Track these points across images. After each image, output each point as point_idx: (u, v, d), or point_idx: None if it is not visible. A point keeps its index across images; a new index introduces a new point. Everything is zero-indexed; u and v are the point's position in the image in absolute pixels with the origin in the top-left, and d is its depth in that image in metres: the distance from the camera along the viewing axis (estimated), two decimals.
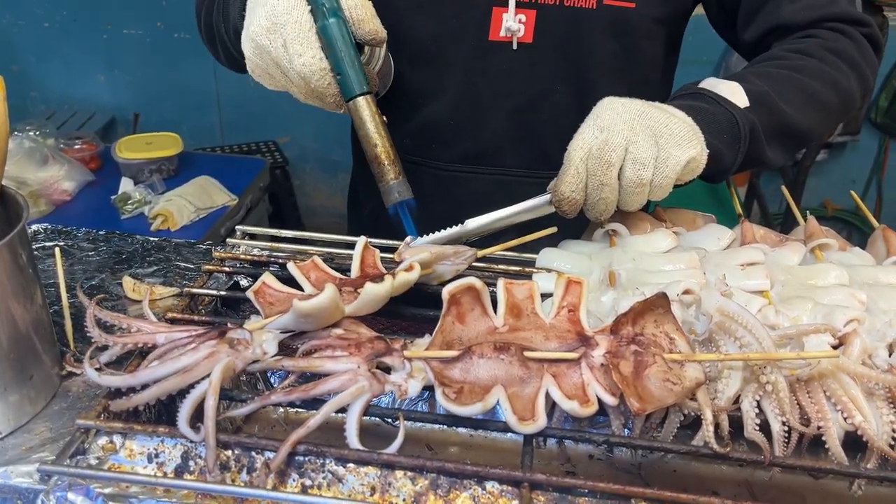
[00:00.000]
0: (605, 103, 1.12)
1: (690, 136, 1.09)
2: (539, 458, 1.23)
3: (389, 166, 1.08)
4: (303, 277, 1.08)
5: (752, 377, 0.94)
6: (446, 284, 0.98)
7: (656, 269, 1.12)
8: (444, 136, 1.46)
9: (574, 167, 1.08)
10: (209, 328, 0.96)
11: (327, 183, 4.47)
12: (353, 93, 1.07)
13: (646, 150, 1.07)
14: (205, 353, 0.91)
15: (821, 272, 1.13)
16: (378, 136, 1.08)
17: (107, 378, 0.91)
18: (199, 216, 3.00)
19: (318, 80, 1.07)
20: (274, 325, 0.96)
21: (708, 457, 0.87)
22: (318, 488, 0.85)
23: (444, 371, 0.91)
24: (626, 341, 0.92)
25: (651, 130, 1.08)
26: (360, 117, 1.08)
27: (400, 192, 1.08)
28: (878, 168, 4.22)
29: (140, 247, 1.27)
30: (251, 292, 1.06)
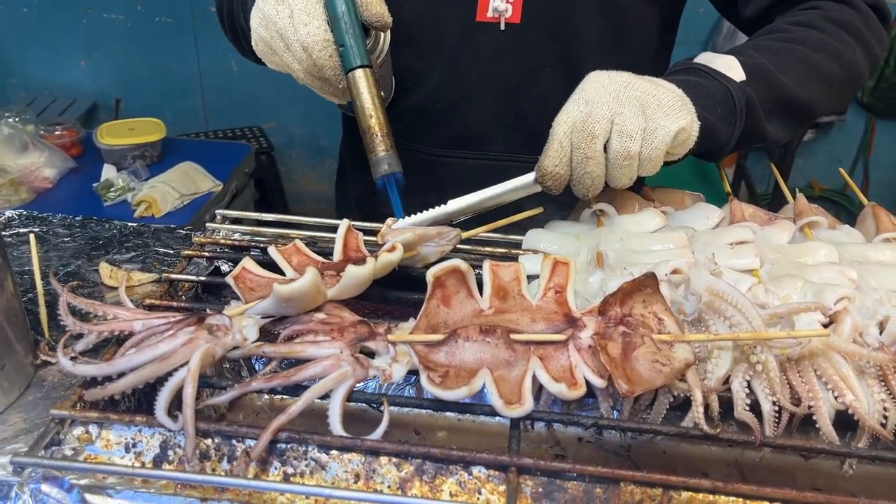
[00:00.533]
0: (590, 77, 1.09)
1: (680, 107, 1.06)
2: (527, 442, 1.22)
3: (382, 138, 1.08)
4: (284, 262, 1.06)
5: (743, 357, 0.92)
6: (431, 267, 0.95)
7: (644, 248, 1.11)
8: (430, 120, 1.44)
9: (557, 141, 1.05)
10: (187, 314, 0.93)
11: (314, 169, 4.43)
12: (352, 64, 1.06)
13: (633, 122, 1.03)
14: (183, 340, 0.88)
15: (810, 250, 1.12)
16: (374, 108, 1.07)
17: (82, 367, 0.88)
18: (184, 202, 2.96)
19: (321, 51, 1.06)
20: (254, 311, 0.94)
21: (698, 438, 0.86)
22: (301, 476, 0.83)
23: (430, 355, 0.89)
24: (614, 322, 0.90)
25: (638, 101, 1.04)
26: (357, 89, 1.07)
27: (389, 165, 1.08)
28: (865, 148, 4.22)
29: (118, 232, 1.24)
30: (231, 278, 1.03)
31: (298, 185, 4.49)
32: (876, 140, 4.15)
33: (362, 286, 0.96)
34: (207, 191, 3.05)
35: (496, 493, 0.81)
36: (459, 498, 0.81)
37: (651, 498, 0.81)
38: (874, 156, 4.21)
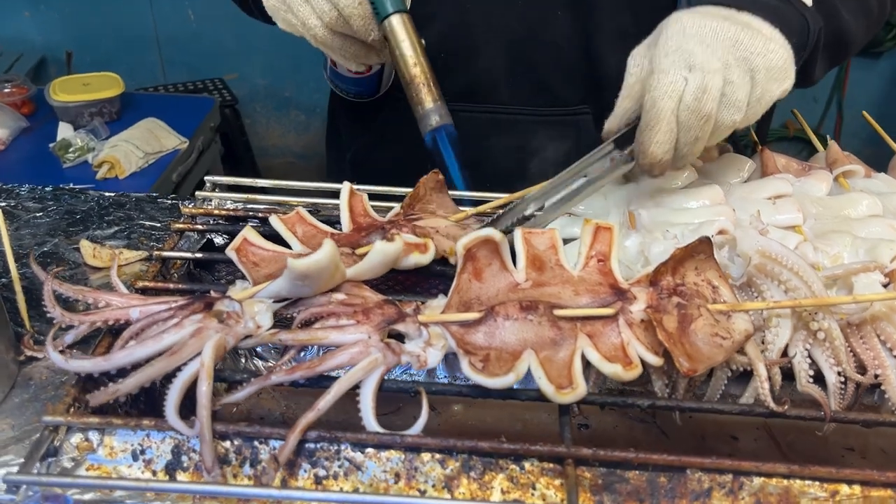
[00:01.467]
0: (685, 26, 0.90)
1: (788, 66, 0.91)
2: (546, 412, 1.15)
3: (430, 88, 1.00)
4: (289, 233, 0.95)
5: (801, 324, 0.85)
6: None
7: (680, 206, 1.02)
8: (434, 69, 1.32)
9: (665, 122, 0.88)
10: (190, 299, 0.83)
11: (279, 121, 4.25)
12: (387, 11, 0.97)
13: (742, 91, 0.89)
14: (191, 330, 0.78)
15: (852, 202, 1.05)
16: (416, 55, 0.99)
17: (76, 363, 0.78)
18: (149, 162, 2.80)
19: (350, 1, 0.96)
20: (265, 293, 0.84)
21: (763, 416, 0.79)
22: (335, 478, 0.74)
23: (466, 336, 0.81)
24: (667, 293, 0.82)
25: (748, 65, 0.89)
26: (395, 38, 0.98)
27: (441, 116, 0.99)
28: (839, 86, 4.18)
29: (95, 204, 1.12)
30: (232, 250, 0.92)
31: (264, 138, 4.31)
32: (850, 78, 4.11)
33: (388, 266, 0.87)
34: (173, 148, 2.89)
35: (552, 487, 0.74)
36: (512, 495, 0.73)
37: (721, 485, 0.74)
38: (848, 94, 4.17)
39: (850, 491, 0.73)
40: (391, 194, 1.11)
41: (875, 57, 4.02)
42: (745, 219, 0.99)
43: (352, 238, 0.94)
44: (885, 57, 4.02)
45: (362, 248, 0.91)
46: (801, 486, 0.74)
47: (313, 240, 0.94)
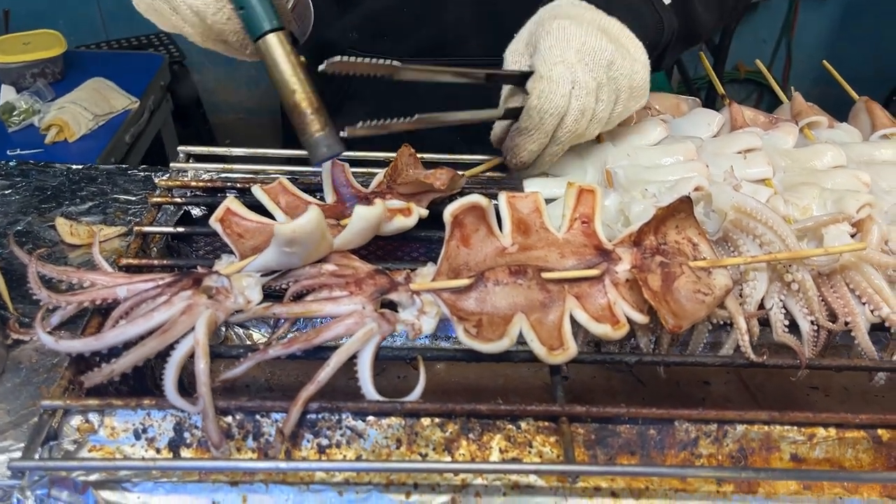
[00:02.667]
0: (565, 31, 0.95)
1: (647, 85, 1.00)
2: (529, 368, 1.19)
3: (313, 116, 0.87)
4: (272, 203, 0.95)
5: (776, 276, 0.89)
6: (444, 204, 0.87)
7: (654, 163, 1.05)
8: (396, 26, 1.30)
9: (543, 134, 0.96)
10: (177, 275, 0.83)
11: (230, 77, 4.15)
12: (261, 29, 0.88)
13: (608, 109, 0.98)
14: (181, 308, 0.78)
15: (818, 153, 1.08)
16: (296, 80, 0.88)
17: (66, 343, 0.77)
18: (99, 123, 2.71)
19: (215, 14, 0.90)
20: (253, 267, 0.84)
21: (743, 366, 0.83)
22: (337, 447, 0.76)
23: (458, 303, 0.82)
24: (650, 252, 0.85)
25: (616, 85, 0.97)
26: (271, 59, 0.88)
27: (329, 147, 0.87)
28: (788, 28, 4.24)
29: (65, 178, 1.09)
30: (216, 221, 0.92)
31: (214, 94, 4.20)
32: (799, 20, 4.16)
33: (373, 231, 0.87)
34: (123, 109, 2.80)
35: (548, 444, 0.77)
36: (510, 454, 0.76)
37: (706, 434, 0.78)
38: (797, 35, 4.23)
39: (826, 433, 0.78)
40: (369, 160, 1.11)
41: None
42: (719, 174, 1.02)
43: (336, 209, 0.94)
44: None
45: (346, 220, 0.91)
46: (781, 430, 0.78)
47: (297, 210, 0.94)
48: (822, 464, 0.78)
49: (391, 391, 0.78)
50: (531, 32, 1.00)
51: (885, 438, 0.78)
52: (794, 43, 4.26)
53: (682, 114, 1.20)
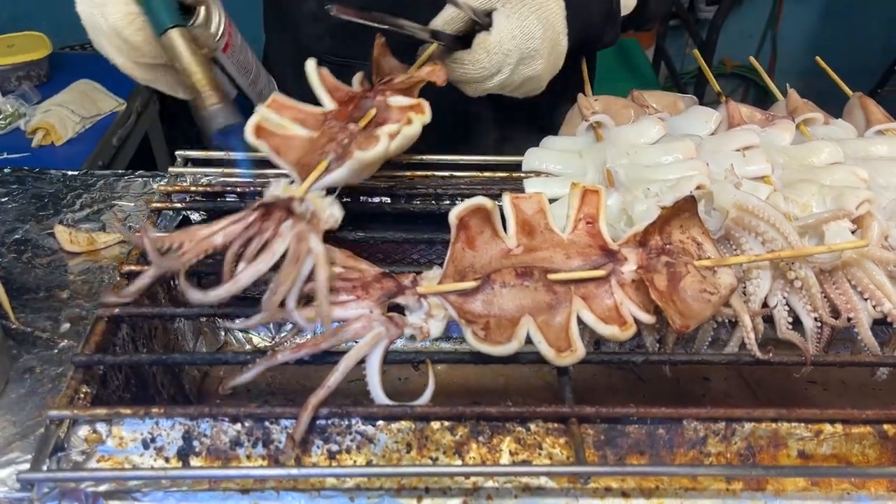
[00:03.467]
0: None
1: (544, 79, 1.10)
2: (531, 367, 1.19)
3: (210, 91, 0.92)
4: (292, 122, 0.97)
5: (779, 274, 0.89)
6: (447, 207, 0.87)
7: (654, 162, 1.05)
8: (369, 29, 1.30)
9: (498, 66, 1.05)
10: (261, 209, 0.84)
11: None
12: (164, 25, 0.93)
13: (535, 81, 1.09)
14: (294, 235, 0.82)
15: (815, 150, 1.09)
16: (195, 64, 0.93)
17: (213, 293, 0.78)
18: (86, 126, 2.69)
19: (128, 26, 0.93)
20: (322, 184, 0.90)
21: (749, 364, 0.84)
22: (347, 452, 0.76)
23: (465, 305, 0.82)
24: (655, 252, 0.85)
25: (552, 56, 1.08)
26: (174, 50, 0.93)
27: (225, 118, 0.92)
28: (773, 21, 4.26)
29: (62, 185, 1.08)
30: (251, 133, 0.94)
31: None
32: (783, 13, 4.19)
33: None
34: (110, 111, 2.78)
35: (558, 445, 0.77)
36: (520, 456, 0.76)
37: (715, 433, 0.78)
38: (781, 29, 4.26)
39: (832, 430, 0.79)
40: None
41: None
42: (718, 172, 1.02)
43: (343, 113, 0.98)
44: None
45: (364, 119, 0.96)
46: (788, 428, 0.78)
47: (309, 120, 0.97)
48: (829, 460, 0.79)
49: (393, 393, 0.78)
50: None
51: (891, 433, 0.79)
52: (779, 37, 4.28)
53: (679, 111, 1.20)
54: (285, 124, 0.96)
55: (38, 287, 0.92)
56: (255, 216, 0.83)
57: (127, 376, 0.91)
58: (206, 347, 1.15)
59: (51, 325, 0.87)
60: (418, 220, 1.04)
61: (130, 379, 0.92)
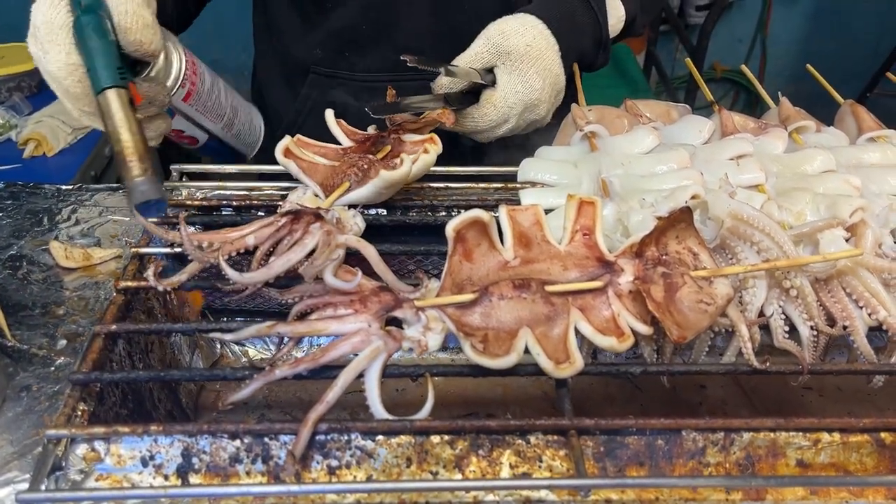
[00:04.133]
0: (539, 49, 1.12)
1: (547, 113, 1.19)
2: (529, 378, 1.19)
3: (135, 162, 0.88)
4: (315, 155, 1.03)
5: (774, 283, 0.90)
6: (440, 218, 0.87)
7: (649, 172, 1.06)
8: (357, 42, 1.31)
9: (505, 117, 1.13)
10: (294, 215, 0.89)
11: None
12: (100, 85, 0.90)
13: (531, 127, 1.17)
14: (322, 235, 0.87)
15: (808, 158, 1.10)
16: (125, 130, 0.89)
17: (249, 275, 0.83)
18: (77, 137, 2.68)
19: (67, 77, 0.92)
20: (346, 200, 0.98)
21: (746, 373, 0.84)
22: (347, 468, 0.76)
23: (463, 318, 0.82)
24: (652, 263, 0.85)
25: (552, 97, 1.16)
26: (107, 111, 0.89)
27: (144, 192, 0.87)
28: (762, 26, 4.29)
29: (55, 200, 1.08)
30: (280, 154, 1.00)
31: None
32: (773, 17, 4.21)
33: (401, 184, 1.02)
34: None
35: (557, 458, 0.77)
36: (520, 469, 0.77)
37: (714, 443, 0.78)
38: (771, 33, 4.28)
39: (830, 438, 0.79)
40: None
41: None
42: (712, 181, 1.03)
43: (361, 149, 1.04)
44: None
45: (381, 152, 1.03)
46: (787, 437, 0.79)
47: (330, 154, 1.05)
48: (827, 468, 0.79)
49: (390, 404, 0.78)
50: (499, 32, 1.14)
51: (888, 441, 0.79)
52: (768, 41, 4.31)
53: (673, 121, 1.21)
54: (309, 156, 1.02)
55: (33, 304, 0.92)
56: (285, 220, 0.88)
57: (124, 392, 0.90)
58: (202, 361, 1.15)
59: (47, 343, 0.87)
60: (415, 231, 1.05)
61: (127, 395, 0.92)
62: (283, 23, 1.40)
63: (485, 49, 1.13)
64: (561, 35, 1.16)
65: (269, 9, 1.42)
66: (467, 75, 1.12)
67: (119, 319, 0.88)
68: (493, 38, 1.13)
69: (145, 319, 0.98)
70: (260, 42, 1.53)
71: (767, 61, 4.37)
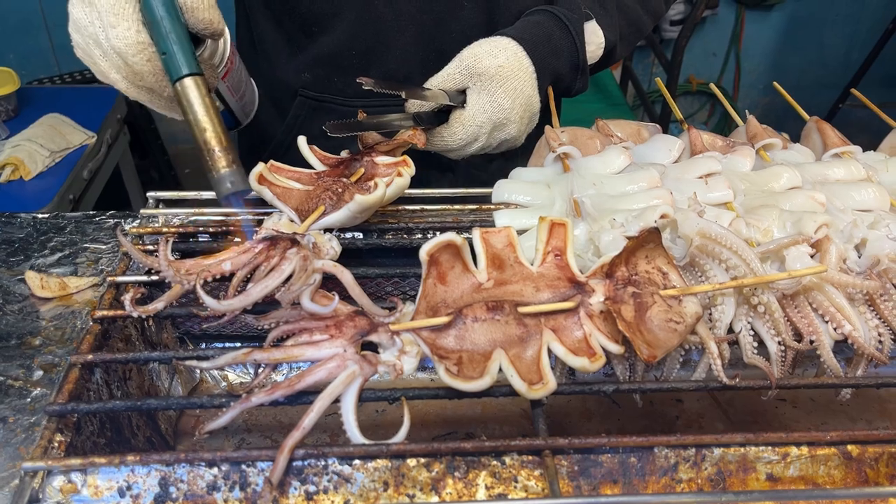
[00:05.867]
0: (510, 70, 1.16)
1: (521, 137, 1.25)
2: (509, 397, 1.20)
3: (221, 153, 0.89)
4: (292, 181, 1.05)
5: (743, 300, 0.92)
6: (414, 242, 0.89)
7: (619, 192, 1.08)
8: (345, 67, 1.33)
9: (474, 136, 1.18)
10: (270, 241, 0.92)
11: None
12: (179, 72, 0.90)
13: (502, 147, 1.22)
14: (300, 261, 0.89)
15: (775, 175, 1.12)
16: (208, 119, 0.90)
17: (227, 302, 0.85)
18: (55, 160, 2.67)
19: (136, 55, 0.91)
20: (321, 225, 0.99)
21: (717, 389, 0.86)
22: (325, 493, 0.77)
23: (438, 341, 0.83)
24: (622, 283, 0.87)
25: (524, 118, 1.21)
26: (187, 100, 0.90)
27: (233, 183, 0.89)
28: (736, 40, 4.36)
29: (32, 229, 1.08)
30: (255, 180, 1.01)
31: (171, 124, 4.15)
32: (745, 31, 4.29)
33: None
34: (80, 144, 2.77)
35: (532, 478, 0.78)
36: (496, 490, 0.78)
37: (685, 459, 0.80)
38: (744, 46, 4.36)
39: (798, 452, 0.81)
40: None
41: (767, 9, 4.21)
42: (682, 199, 1.05)
43: (335, 173, 1.06)
44: (777, 9, 4.21)
45: (355, 175, 1.06)
46: (756, 452, 0.80)
47: (304, 178, 1.06)
48: (796, 482, 0.81)
49: (370, 425, 0.79)
50: (473, 56, 1.17)
51: (854, 454, 0.81)
52: (742, 54, 4.38)
53: (644, 140, 1.23)
54: (283, 181, 1.03)
55: (9, 334, 0.92)
56: (261, 246, 0.90)
57: (102, 421, 0.90)
58: (181, 386, 1.15)
59: (23, 374, 0.87)
60: (391, 253, 1.06)
61: (105, 423, 0.92)
62: (270, 45, 1.41)
63: (457, 71, 1.16)
64: (536, 57, 1.19)
65: (256, 28, 1.43)
66: (434, 97, 1.14)
67: (96, 349, 0.88)
68: (466, 60, 1.16)
69: (123, 347, 0.98)
70: (246, 58, 1.54)
71: (741, 74, 4.44)
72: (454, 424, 1.21)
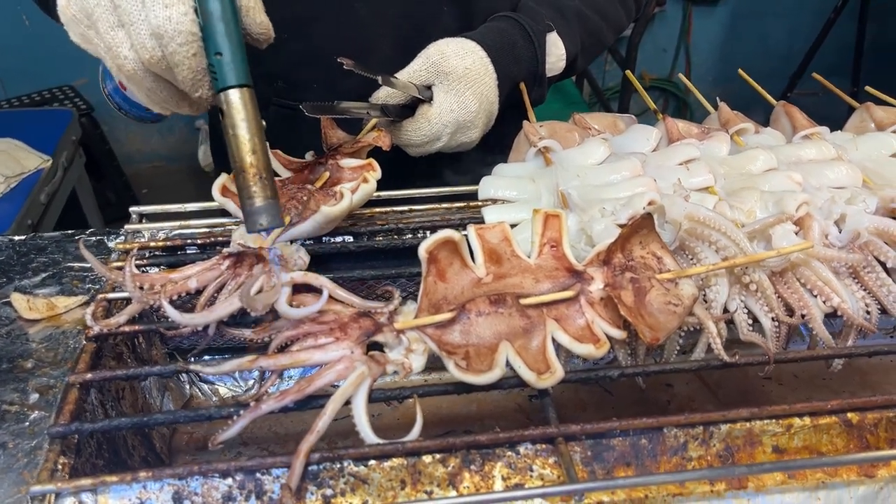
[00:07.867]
0: (477, 73, 1.18)
1: (477, 136, 1.25)
2: (499, 391, 1.21)
3: (263, 182, 0.81)
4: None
5: (735, 279, 0.94)
6: (412, 239, 0.89)
7: (604, 182, 1.09)
8: (320, 75, 1.32)
9: (438, 135, 1.18)
10: (235, 256, 0.91)
11: (140, 126, 4.05)
12: (232, 81, 0.80)
13: (466, 144, 1.23)
14: (264, 279, 0.88)
15: (751, 158, 1.15)
16: (258, 142, 0.81)
17: (188, 316, 0.84)
18: (11, 186, 2.62)
19: (182, 44, 0.79)
20: (288, 236, 0.98)
21: (718, 368, 0.87)
22: (342, 495, 0.76)
23: (444, 337, 0.84)
24: (620, 270, 0.88)
25: (486, 122, 1.23)
26: (232, 116, 0.80)
27: (268, 220, 0.81)
28: (685, 35, 4.46)
29: (13, 251, 1.05)
30: (217, 192, 1.00)
31: (126, 144, 4.10)
32: (694, 26, 4.39)
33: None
34: (36, 168, 2.71)
35: (548, 466, 0.79)
36: (513, 480, 0.78)
37: (694, 437, 0.81)
38: (693, 41, 4.46)
39: (801, 423, 0.83)
40: None
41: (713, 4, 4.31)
42: (665, 186, 1.07)
43: (300, 179, 1.05)
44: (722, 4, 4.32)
45: (319, 180, 1.05)
46: (761, 425, 0.82)
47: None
48: (801, 452, 0.83)
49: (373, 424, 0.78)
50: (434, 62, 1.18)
51: (854, 421, 0.83)
52: (691, 48, 4.48)
53: (620, 131, 1.25)
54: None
55: (0, 359, 0.89)
56: (227, 263, 0.88)
57: (99, 442, 0.88)
58: (172, 403, 1.13)
59: (19, 398, 0.85)
60: (382, 255, 1.06)
61: (102, 444, 0.90)
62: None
63: (423, 67, 1.17)
64: (499, 64, 1.20)
65: None
66: (405, 87, 1.14)
67: (92, 368, 0.86)
68: (433, 57, 1.17)
69: (115, 365, 0.96)
70: None
71: (692, 67, 4.54)
72: (451, 423, 1.21)
